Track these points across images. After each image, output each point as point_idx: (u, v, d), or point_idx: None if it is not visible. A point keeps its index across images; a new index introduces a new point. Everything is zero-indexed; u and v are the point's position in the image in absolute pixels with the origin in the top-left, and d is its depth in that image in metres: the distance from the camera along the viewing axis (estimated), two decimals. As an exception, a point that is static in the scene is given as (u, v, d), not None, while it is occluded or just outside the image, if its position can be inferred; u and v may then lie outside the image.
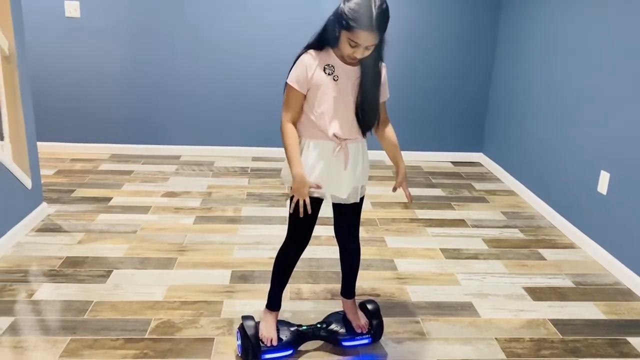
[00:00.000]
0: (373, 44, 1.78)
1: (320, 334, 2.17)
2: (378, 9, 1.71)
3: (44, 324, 2.26)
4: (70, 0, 4.28)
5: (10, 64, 2.97)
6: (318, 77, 1.86)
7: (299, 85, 1.88)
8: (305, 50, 1.90)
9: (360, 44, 1.75)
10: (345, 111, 1.90)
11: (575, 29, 3.36)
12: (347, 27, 1.73)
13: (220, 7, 4.38)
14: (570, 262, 3.01)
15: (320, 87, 1.87)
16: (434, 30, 4.54)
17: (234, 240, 3.10)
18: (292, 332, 2.13)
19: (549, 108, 3.66)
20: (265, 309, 2.14)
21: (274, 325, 2.11)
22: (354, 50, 1.78)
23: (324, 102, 1.88)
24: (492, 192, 4.11)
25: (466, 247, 3.14)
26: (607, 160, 2.98)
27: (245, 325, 2.03)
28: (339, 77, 1.87)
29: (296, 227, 2.04)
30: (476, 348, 2.22)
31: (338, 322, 2.21)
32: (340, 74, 1.87)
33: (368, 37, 1.73)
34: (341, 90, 1.88)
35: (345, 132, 1.92)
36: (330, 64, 1.87)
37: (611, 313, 2.52)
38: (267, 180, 4.16)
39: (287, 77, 1.90)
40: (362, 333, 2.18)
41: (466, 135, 4.84)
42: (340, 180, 1.96)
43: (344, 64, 1.87)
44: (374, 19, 1.70)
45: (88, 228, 3.18)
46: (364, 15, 1.70)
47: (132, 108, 4.57)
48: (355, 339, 2.17)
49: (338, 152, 1.92)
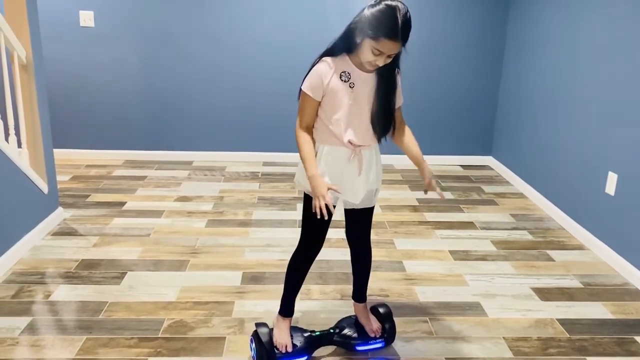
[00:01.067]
0: (396, 52, 1.79)
1: (334, 339, 2.18)
2: (403, 18, 1.71)
3: (60, 324, 2.33)
4: (84, 10, 4.39)
5: (28, 73, 3.07)
6: (334, 84, 1.85)
7: (313, 92, 1.87)
8: (321, 58, 1.90)
9: (384, 53, 1.76)
10: (361, 118, 1.90)
11: (581, 33, 3.38)
12: (372, 36, 1.73)
13: (232, 13, 4.46)
14: (578, 263, 3.02)
15: (337, 94, 1.86)
16: (442, 36, 4.58)
17: (245, 243, 3.16)
18: (306, 337, 2.13)
19: (556, 111, 3.68)
20: (278, 315, 2.15)
21: (287, 331, 2.12)
22: (376, 59, 1.78)
23: (340, 109, 1.87)
24: (501, 194, 4.13)
25: (475, 249, 3.16)
26: (614, 162, 3.00)
27: (259, 332, 2.04)
28: (355, 84, 1.86)
29: (310, 233, 2.05)
30: (483, 347, 2.24)
31: (351, 327, 2.22)
32: (357, 81, 1.87)
33: (392, 47, 1.74)
34: (357, 98, 1.87)
35: (360, 139, 1.91)
36: (346, 71, 1.86)
37: (619, 313, 2.53)
38: (277, 184, 4.21)
39: (302, 84, 1.89)
40: (376, 337, 2.19)
41: (475, 139, 4.86)
42: (354, 186, 1.96)
43: (360, 71, 1.87)
44: (400, 29, 1.71)
45: (103, 232, 3.25)
46: (389, 24, 1.71)
47: (145, 115, 4.66)
48: (369, 343, 2.18)
49: (352, 158, 1.93)
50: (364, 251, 2.20)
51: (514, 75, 4.42)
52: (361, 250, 2.20)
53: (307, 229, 2.05)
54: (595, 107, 3.20)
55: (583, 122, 3.34)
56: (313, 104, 1.90)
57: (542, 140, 3.89)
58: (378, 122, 1.91)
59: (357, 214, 2.09)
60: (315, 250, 2.09)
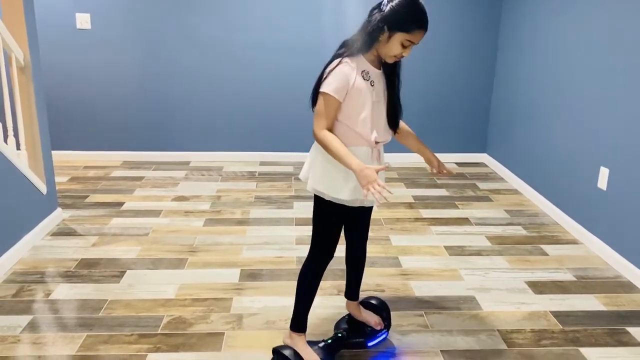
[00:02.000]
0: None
1: (344, 342, 2.18)
2: (423, 6, 1.79)
3: (61, 322, 2.36)
4: (81, 13, 4.42)
5: (26, 75, 3.10)
6: (359, 84, 1.84)
7: (338, 94, 1.82)
8: (340, 59, 1.85)
9: (415, 43, 1.81)
10: (380, 115, 1.92)
11: (573, 31, 3.43)
12: (405, 28, 1.76)
13: (228, 16, 4.49)
14: (572, 256, 3.07)
15: (361, 94, 1.85)
16: (438, 37, 4.61)
17: (242, 241, 3.19)
18: (322, 348, 2.08)
19: (549, 107, 3.72)
20: (292, 333, 2.07)
21: (309, 347, 2.05)
22: (403, 51, 1.81)
23: (366, 108, 1.86)
24: (496, 191, 4.17)
25: (469, 244, 3.20)
26: (606, 157, 3.04)
27: (287, 355, 1.98)
28: (374, 82, 1.88)
29: (324, 238, 2.00)
30: (478, 339, 2.28)
31: (352, 326, 2.25)
32: (374, 79, 1.88)
33: (422, 35, 1.80)
34: (377, 95, 1.89)
35: (381, 135, 1.93)
36: (365, 70, 1.86)
37: (611, 305, 2.57)
38: (274, 183, 4.25)
39: (323, 87, 1.82)
40: (381, 329, 2.24)
41: (470, 137, 4.91)
42: None
43: (374, 68, 1.89)
44: (427, 18, 1.79)
45: (101, 231, 3.28)
46: (418, 15, 1.78)
47: (143, 116, 4.69)
48: (377, 337, 2.23)
49: (373, 156, 1.92)
50: (361, 251, 2.22)
51: (506, 74, 4.47)
52: (359, 249, 2.21)
53: (323, 235, 1.99)
54: (587, 104, 3.25)
55: (575, 118, 3.39)
56: (337, 105, 1.84)
57: (535, 137, 3.93)
58: (394, 116, 1.95)
59: (362, 212, 2.08)
60: (330, 257, 2.03)
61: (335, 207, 1.93)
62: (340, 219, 1.99)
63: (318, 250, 2.02)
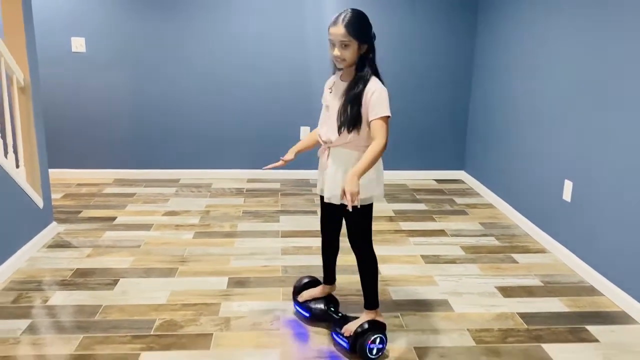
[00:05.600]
0: (343, 40, 2.09)
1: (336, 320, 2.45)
2: (346, 12, 2.11)
3: (58, 325, 2.50)
4: (76, 37, 4.62)
5: (25, 95, 3.28)
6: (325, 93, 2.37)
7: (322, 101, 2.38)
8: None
9: (333, 40, 2.12)
10: (331, 117, 2.25)
11: (541, 54, 3.69)
12: (329, 28, 2.13)
13: (215, 39, 4.72)
14: (540, 264, 3.27)
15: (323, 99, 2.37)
16: (416, 62, 4.89)
17: (230, 252, 3.36)
18: (322, 308, 2.54)
19: (519, 127, 3.97)
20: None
21: (316, 292, 2.59)
22: (333, 50, 2.14)
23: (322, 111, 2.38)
24: (472, 205, 4.39)
25: (445, 254, 3.40)
26: (570, 170, 3.27)
27: (300, 278, 2.70)
28: (333, 90, 2.29)
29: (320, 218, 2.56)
30: (449, 337, 2.46)
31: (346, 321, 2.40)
32: (335, 88, 2.29)
33: (336, 30, 2.10)
34: (331, 100, 2.27)
35: (326, 134, 2.28)
36: (333, 81, 2.33)
37: (574, 306, 2.77)
38: (262, 199, 4.43)
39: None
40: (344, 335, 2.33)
41: (449, 155, 5.14)
42: (324, 179, 2.32)
43: (340, 80, 2.27)
44: (342, 17, 2.10)
45: (95, 244, 3.43)
46: (335, 17, 2.14)
47: (134, 136, 4.88)
48: (339, 336, 2.36)
49: (322, 153, 2.34)
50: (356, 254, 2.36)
51: (482, 97, 4.73)
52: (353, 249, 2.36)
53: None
54: (552, 122, 3.49)
55: (542, 135, 3.63)
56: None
57: (507, 154, 4.17)
58: (339, 116, 2.21)
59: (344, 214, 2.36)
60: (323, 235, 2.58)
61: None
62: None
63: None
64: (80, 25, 4.61)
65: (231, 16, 4.68)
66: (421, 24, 4.82)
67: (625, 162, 2.75)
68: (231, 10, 4.67)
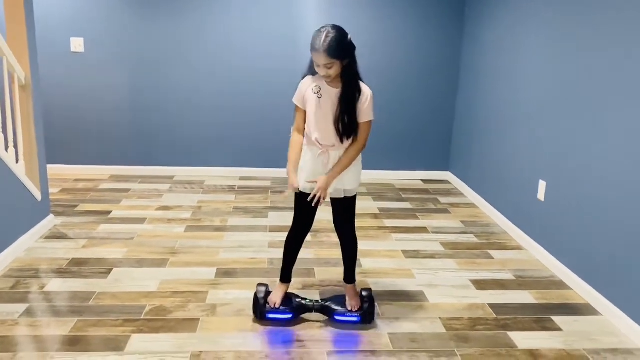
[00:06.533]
0: (326, 63, 2.25)
1: (319, 307, 2.60)
2: (326, 35, 2.22)
3: (54, 309, 2.66)
4: (75, 37, 4.78)
5: (26, 93, 3.44)
6: (308, 96, 2.41)
7: (298, 102, 2.46)
8: (304, 77, 2.44)
9: (318, 63, 2.27)
10: (325, 122, 2.38)
11: (521, 61, 3.86)
12: (310, 50, 2.27)
13: (211, 39, 4.89)
14: (514, 260, 3.43)
15: (309, 103, 2.41)
16: (404, 66, 5.05)
17: (219, 245, 3.52)
18: (296, 302, 2.60)
19: (500, 130, 4.14)
20: (278, 281, 2.63)
21: (280, 293, 2.60)
22: (319, 70, 2.29)
23: (311, 114, 2.41)
24: (455, 204, 4.55)
25: (424, 249, 3.56)
26: (544, 171, 3.44)
27: (257, 290, 2.59)
28: (322, 95, 2.38)
29: (296, 216, 2.57)
30: (421, 325, 2.62)
31: (337, 302, 2.62)
32: (324, 93, 2.38)
33: (319, 57, 2.25)
34: (322, 106, 2.38)
35: (322, 138, 2.40)
36: (317, 85, 2.39)
37: (542, 299, 2.93)
38: (252, 196, 4.59)
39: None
40: (352, 311, 2.58)
41: (435, 156, 5.31)
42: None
43: (327, 85, 2.37)
44: (321, 43, 2.22)
45: (90, 236, 3.59)
46: (315, 40, 2.24)
47: (130, 133, 5.04)
48: (346, 315, 2.58)
49: (319, 155, 2.43)
50: (346, 239, 2.63)
51: (466, 100, 4.90)
52: (344, 237, 2.64)
53: (295, 212, 2.56)
54: (528, 125, 3.66)
55: (520, 138, 3.80)
56: (299, 111, 2.47)
57: (488, 155, 4.34)
58: (340, 125, 2.37)
59: (335, 204, 2.56)
60: (301, 230, 2.59)
61: None
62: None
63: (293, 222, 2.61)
64: (80, 26, 4.77)
65: (227, 17, 4.85)
66: (409, 29, 4.98)
67: (594, 164, 2.92)
68: (227, 11, 4.84)
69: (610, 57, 2.79)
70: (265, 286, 2.61)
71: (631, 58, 2.62)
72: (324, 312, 2.61)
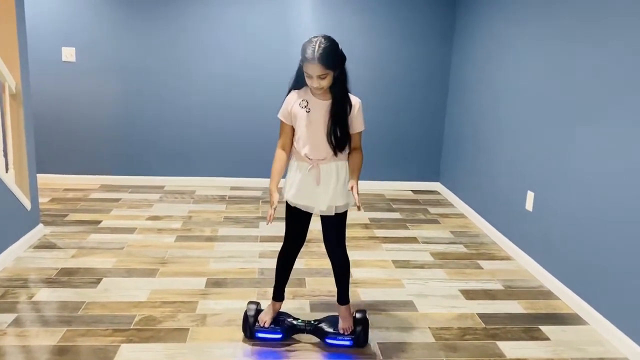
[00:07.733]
0: (320, 74, 2.18)
1: (311, 329, 2.53)
2: (319, 45, 2.16)
3: (43, 319, 2.64)
4: (67, 47, 4.79)
5: (17, 102, 3.43)
6: (295, 111, 2.34)
7: (284, 117, 2.38)
8: (289, 91, 2.38)
9: (311, 74, 2.19)
10: (316, 136, 2.31)
11: (509, 75, 3.92)
12: (301, 60, 2.22)
13: (201, 50, 4.91)
14: (503, 270, 3.46)
15: (297, 118, 2.34)
16: (396, 79, 5.11)
17: (210, 255, 3.52)
18: (288, 322, 2.54)
19: (489, 142, 4.19)
20: (271, 299, 2.58)
21: (271, 312, 2.55)
22: (311, 81, 2.22)
23: (300, 129, 2.33)
24: (445, 215, 4.58)
25: (414, 259, 3.58)
26: (532, 182, 3.48)
27: (247, 307, 2.54)
28: (311, 109, 2.31)
29: (287, 232, 2.50)
30: (411, 334, 2.63)
31: (330, 323, 2.55)
32: (313, 107, 2.31)
33: (312, 67, 2.16)
34: (312, 120, 2.31)
35: (313, 153, 2.32)
36: (305, 99, 2.33)
37: (530, 308, 2.96)
38: (243, 206, 4.59)
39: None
40: (344, 334, 2.51)
41: (425, 167, 5.35)
42: (315, 195, 2.36)
43: (315, 98, 2.31)
44: (315, 52, 2.15)
45: (80, 245, 3.57)
46: (307, 50, 2.17)
47: (120, 143, 5.03)
48: (337, 339, 2.51)
49: (310, 170, 2.34)
50: (337, 258, 2.53)
51: (456, 112, 4.95)
52: (335, 255, 2.53)
53: (286, 229, 2.50)
54: (516, 138, 3.71)
55: (507, 149, 3.84)
56: (285, 126, 2.40)
57: (478, 166, 4.38)
58: (333, 139, 2.32)
59: (326, 222, 2.46)
60: (293, 247, 2.52)
61: None
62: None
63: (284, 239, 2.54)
64: (71, 36, 4.78)
65: (219, 27, 4.88)
66: (401, 44, 5.04)
67: (581, 175, 2.96)
68: (219, 21, 4.87)
69: (594, 71, 2.84)
70: (256, 304, 2.56)
71: (616, 71, 2.67)
72: (316, 334, 2.54)
